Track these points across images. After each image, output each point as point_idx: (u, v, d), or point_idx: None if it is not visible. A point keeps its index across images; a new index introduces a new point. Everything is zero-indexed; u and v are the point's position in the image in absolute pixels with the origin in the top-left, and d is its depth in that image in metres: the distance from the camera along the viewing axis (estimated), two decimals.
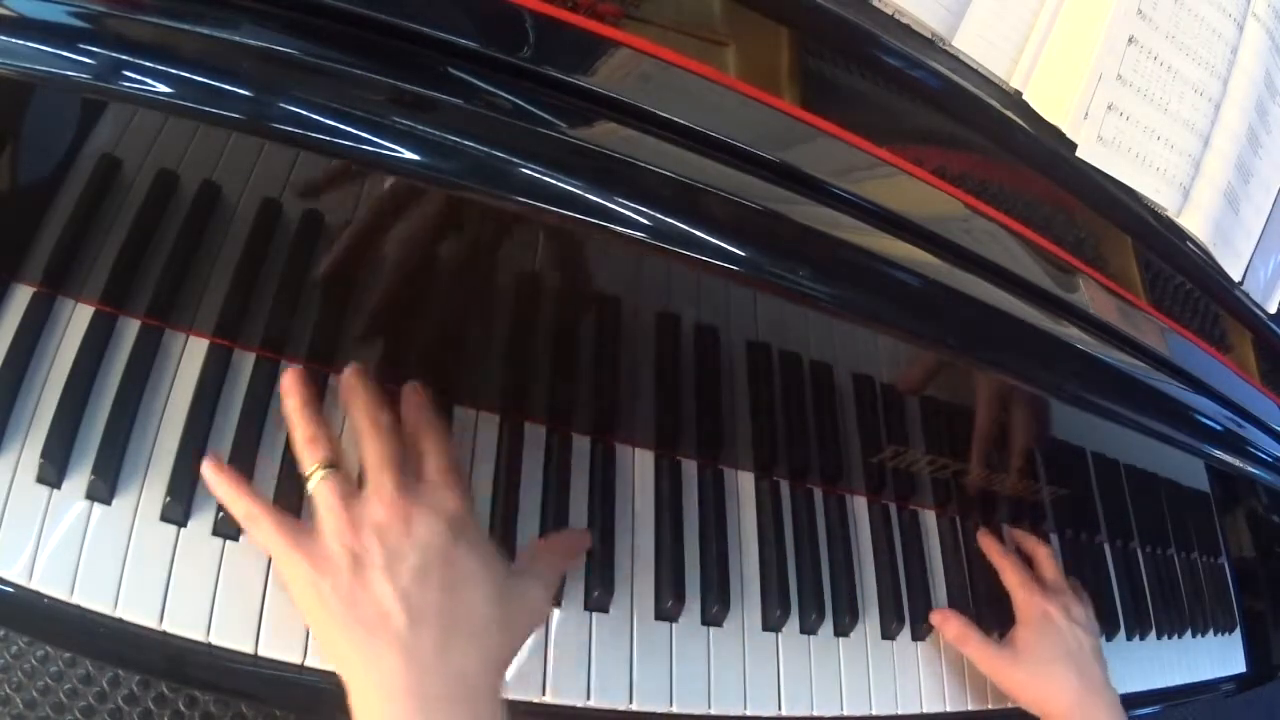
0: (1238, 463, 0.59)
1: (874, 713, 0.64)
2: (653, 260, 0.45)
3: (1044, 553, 0.74)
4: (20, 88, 0.37)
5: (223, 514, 0.48)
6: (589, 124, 0.38)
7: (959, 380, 0.58)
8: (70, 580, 0.45)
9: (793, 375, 0.57)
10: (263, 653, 0.47)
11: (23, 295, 0.50)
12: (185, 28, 0.33)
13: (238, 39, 0.34)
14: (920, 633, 0.68)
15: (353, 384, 0.51)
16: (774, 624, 0.62)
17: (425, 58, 0.36)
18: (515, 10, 0.39)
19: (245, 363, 0.53)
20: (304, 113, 0.34)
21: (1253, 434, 0.59)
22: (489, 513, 0.55)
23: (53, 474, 0.47)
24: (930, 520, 0.73)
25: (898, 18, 0.49)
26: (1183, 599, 0.90)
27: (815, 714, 0.61)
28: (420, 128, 0.35)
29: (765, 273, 0.40)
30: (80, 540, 0.46)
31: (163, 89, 0.33)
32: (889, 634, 0.66)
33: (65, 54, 0.32)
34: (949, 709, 0.67)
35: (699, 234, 0.39)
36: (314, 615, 0.45)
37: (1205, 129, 0.56)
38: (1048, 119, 0.51)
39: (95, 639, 0.46)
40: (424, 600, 0.44)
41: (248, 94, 0.33)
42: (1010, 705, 0.67)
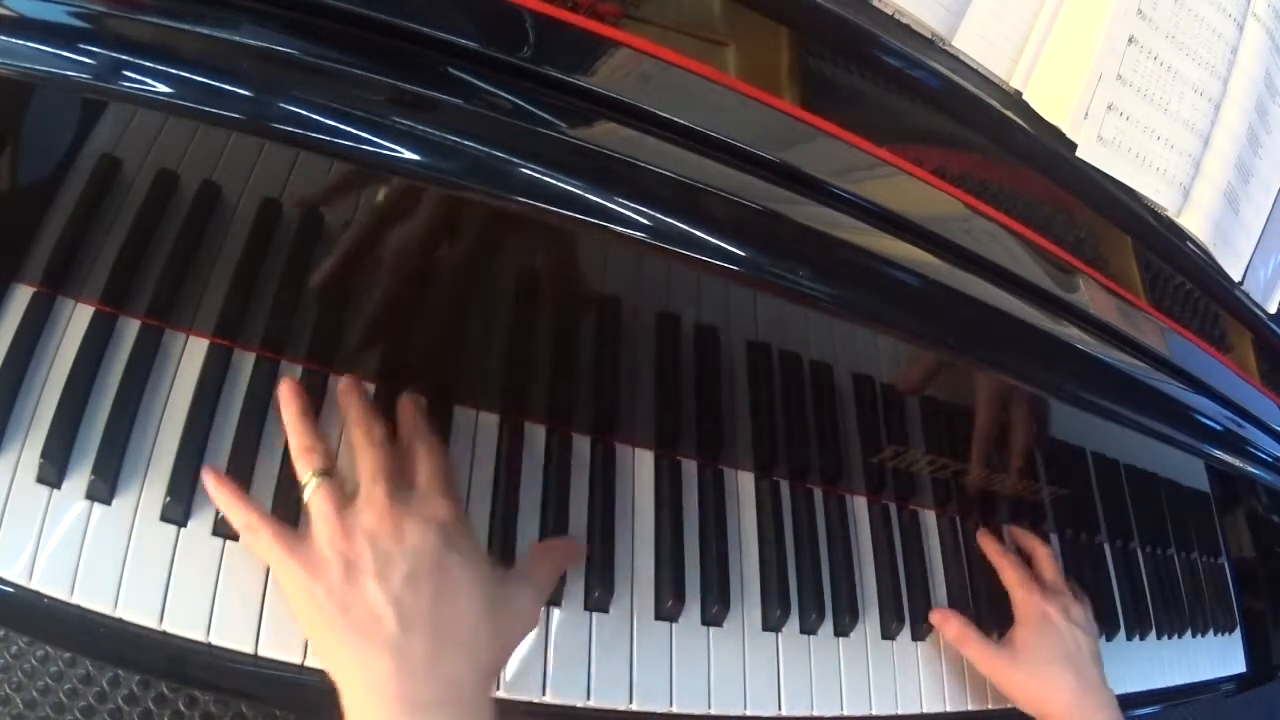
0: (1238, 463, 0.59)
1: (874, 713, 0.63)
2: (653, 260, 0.45)
3: (1044, 552, 0.74)
4: (20, 88, 0.37)
5: (222, 514, 0.49)
6: (589, 124, 0.38)
7: (959, 380, 0.58)
8: (70, 580, 0.45)
9: (793, 375, 0.57)
10: (263, 653, 0.48)
11: (23, 295, 0.50)
12: (185, 28, 0.33)
13: (238, 39, 0.34)
14: (920, 633, 0.68)
15: (348, 397, 0.52)
16: (774, 624, 0.62)
17: (425, 58, 0.36)
18: (515, 10, 0.39)
19: (245, 363, 0.53)
20: (304, 113, 0.34)
21: (1253, 434, 0.59)
22: (489, 513, 0.55)
23: (53, 474, 0.47)
24: (930, 520, 0.73)
25: (898, 18, 0.49)
26: (1183, 599, 0.90)
27: (815, 714, 0.61)
28: (420, 128, 0.35)
29: (765, 273, 0.40)
30: (80, 540, 0.46)
31: (163, 89, 0.33)
32: (889, 634, 0.66)
33: (65, 54, 0.32)
34: (949, 709, 0.67)
35: (699, 234, 0.39)
36: (308, 619, 0.46)
37: (1205, 129, 0.56)
38: (1048, 119, 0.51)
39: (95, 639, 0.46)
40: (415, 606, 0.44)
41: (248, 94, 0.33)
42: (1010, 705, 0.67)
